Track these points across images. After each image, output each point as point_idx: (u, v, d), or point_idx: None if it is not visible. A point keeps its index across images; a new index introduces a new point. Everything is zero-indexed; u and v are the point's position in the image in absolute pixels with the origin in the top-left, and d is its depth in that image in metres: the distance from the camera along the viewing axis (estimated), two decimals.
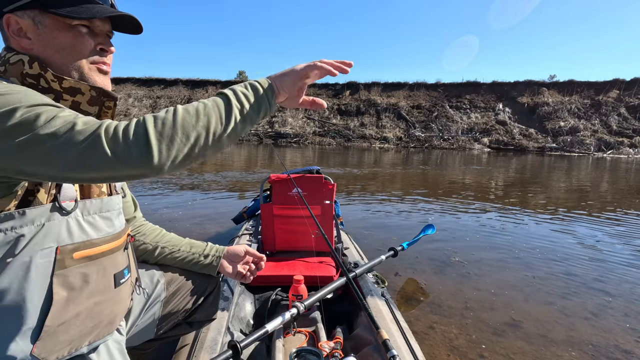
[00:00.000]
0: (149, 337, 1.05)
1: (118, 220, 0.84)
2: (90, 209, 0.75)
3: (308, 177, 2.10)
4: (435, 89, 27.13)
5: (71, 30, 0.72)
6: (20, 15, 0.70)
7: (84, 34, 0.74)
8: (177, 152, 0.59)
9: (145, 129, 0.58)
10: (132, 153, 0.57)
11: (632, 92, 23.66)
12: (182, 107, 0.63)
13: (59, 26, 0.71)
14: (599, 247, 3.32)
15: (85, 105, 0.75)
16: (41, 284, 0.66)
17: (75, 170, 0.58)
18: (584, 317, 2.02)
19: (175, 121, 0.60)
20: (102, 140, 0.56)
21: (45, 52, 0.71)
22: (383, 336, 1.16)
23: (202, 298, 1.13)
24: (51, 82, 0.70)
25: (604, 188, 7.46)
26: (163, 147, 0.58)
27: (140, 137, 0.57)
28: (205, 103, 0.64)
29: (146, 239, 1.08)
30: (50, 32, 0.71)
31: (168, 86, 28.36)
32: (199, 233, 3.42)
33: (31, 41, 0.71)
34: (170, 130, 0.59)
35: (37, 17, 0.70)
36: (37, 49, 0.71)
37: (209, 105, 0.64)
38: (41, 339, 0.65)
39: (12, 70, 0.70)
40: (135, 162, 0.57)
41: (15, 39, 0.71)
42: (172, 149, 0.59)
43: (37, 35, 0.71)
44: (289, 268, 1.91)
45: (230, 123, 0.64)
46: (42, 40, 0.71)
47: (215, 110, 0.63)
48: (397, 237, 3.35)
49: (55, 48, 0.72)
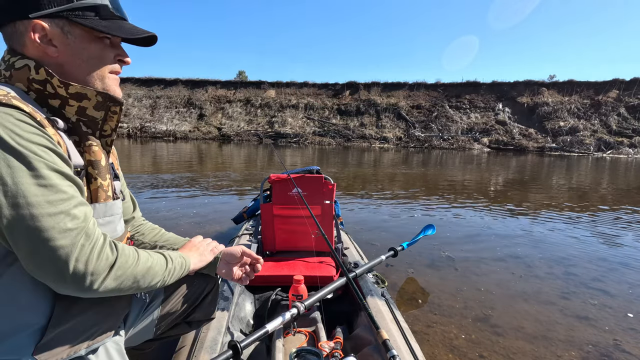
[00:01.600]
0: (148, 337, 1.05)
1: (119, 225, 0.85)
2: (95, 214, 0.76)
3: (308, 177, 2.09)
4: (435, 89, 27.11)
5: (99, 42, 0.75)
6: (49, 23, 0.70)
7: (108, 46, 0.77)
8: (113, 291, 0.70)
9: (106, 277, 0.67)
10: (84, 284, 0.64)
11: (631, 92, 23.66)
12: (142, 267, 0.75)
13: (90, 38, 0.73)
14: (599, 246, 3.32)
15: (91, 110, 0.75)
16: (43, 289, 0.66)
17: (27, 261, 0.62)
18: (584, 317, 2.02)
19: (133, 279, 0.72)
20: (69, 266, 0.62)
21: (72, 62, 0.73)
22: (383, 336, 1.16)
23: (200, 298, 1.13)
24: (57, 88, 0.71)
25: (604, 188, 7.46)
26: (112, 289, 0.69)
27: (101, 277, 0.66)
28: (156, 270, 0.78)
29: (145, 238, 1.08)
30: (80, 43, 0.73)
31: (168, 86, 28.31)
32: (199, 233, 3.39)
33: (57, 49, 0.71)
34: (123, 282, 0.70)
35: (65, 27, 0.71)
36: (62, 58, 0.72)
37: (158, 273, 0.79)
38: (41, 343, 0.66)
39: (17, 76, 0.69)
40: (75, 288, 0.64)
41: (38, 45, 0.70)
42: (113, 290, 0.69)
43: (65, 44, 0.71)
44: (289, 268, 1.91)
45: (159, 284, 0.80)
46: (70, 50, 0.72)
47: (157, 277, 0.78)
48: (397, 237, 3.35)
49: (84, 58, 0.73)
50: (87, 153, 0.76)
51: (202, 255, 1.00)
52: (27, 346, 0.65)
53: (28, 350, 0.65)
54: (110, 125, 0.80)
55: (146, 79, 28.81)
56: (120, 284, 0.69)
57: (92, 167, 0.76)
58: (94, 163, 0.76)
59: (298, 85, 28.23)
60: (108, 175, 0.80)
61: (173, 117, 25.10)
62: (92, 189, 0.76)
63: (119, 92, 0.80)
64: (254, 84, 28.58)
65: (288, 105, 25.92)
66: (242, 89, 28.07)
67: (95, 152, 0.77)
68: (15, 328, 0.64)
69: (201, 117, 25.37)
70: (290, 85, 28.10)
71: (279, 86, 28.06)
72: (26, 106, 0.63)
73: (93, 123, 0.77)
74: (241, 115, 25.55)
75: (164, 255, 0.84)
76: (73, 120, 0.74)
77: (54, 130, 0.67)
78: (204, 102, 26.43)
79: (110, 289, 0.67)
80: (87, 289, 0.64)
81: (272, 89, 27.91)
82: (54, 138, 0.65)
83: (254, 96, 27.03)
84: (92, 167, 0.76)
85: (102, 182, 0.78)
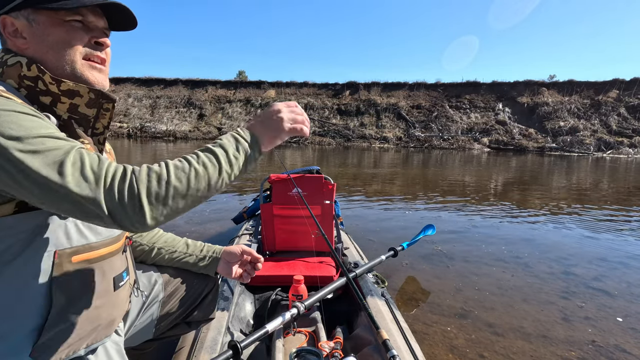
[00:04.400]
0: (148, 337, 1.05)
1: None
2: None
3: (308, 177, 2.09)
4: (435, 88, 27.11)
5: (64, 25, 0.72)
6: (15, 15, 0.70)
7: (77, 29, 0.73)
8: (166, 216, 0.63)
9: (138, 190, 0.60)
10: (127, 214, 0.59)
11: (631, 92, 23.65)
12: (176, 169, 0.64)
13: (53, 22, 0.71)
14: (599, 246, 3.32)
15: (83, 107, 0.74)
16: (40, 288, 0.66)
17: (66, 213, 0.60)
18: (584, 317, 2.02)
19: (168, 188, 0.62)
20: (101, 196, 0.58)
21: (39, 50, 0.71)
22: (383, 336, 1.16)
23: (200, 298, 1.13)
24: (49, 85, 0.70)
25: (604, 187, 7.46)
26: (155, 211, 0.61)
27: (136, 199, 0.59)
28: (197, 169, 0.66)
29: (143, 239, 1.07)
30: (43, 29, 0.70)
31: (168, 86, 28.31)
32: (199, 233, 3.41)
33: (26, 40, 0.71)
34: (164, 197, 0.62)
35: (30, 16, 0.70)
36: (32, 48, 0.71)
37: (200, 173, 0.66)
38: (39, 343, 0.65)
39: (9, 73, 0.69)
40: (128, 222, 0.60)
41: (11, 39, 0.71)
42: (163, 213, 0.62)
43: (31, 33, 0.70)
44: (289, 268, 1.90)
45: (217, 187, 0.68)
46: (36, 38, 0.70)
47: (205, 179, 0.66)
48: (397, 237, 3.34)
49: (49, 44, 0.71)
50: None
51: (270, 129, 0.77)
52: (24, 347, 0.64)
53: (25, 351, 0.64)
54: (102, 122, 0.78)
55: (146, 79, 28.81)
56: (173, 197, 0.63)
57: None
58: None
59: (298, 85, 28.23)
60: None
61: (173, 117, 25.10)
62: None
63: (94, 79, 0.75)
64: (254, 83, 28.58)
65: None
66: (242, 89, 28.07)
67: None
68: (11, 328, 0.63)
69: (201, 117, 25.36)
70: (290, 85, 28.09)
71: (279, 86, 28.06)
72: (16, 99, 0.63)
73: (85, 121, 0.75)
74: (241, 115, 25.54)
75: (212, 149, 0.70)
76: (64, 118, 0.73)
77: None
78: (204, 102, 26.43)
79: (166, 206, 0.62)
80: (141, 222, 0.60)
81: (272, 88, 27.91)
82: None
83: (254, 96, 27.03)
84: None
85: None
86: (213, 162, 0.68)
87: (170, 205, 0.62)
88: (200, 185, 0.65)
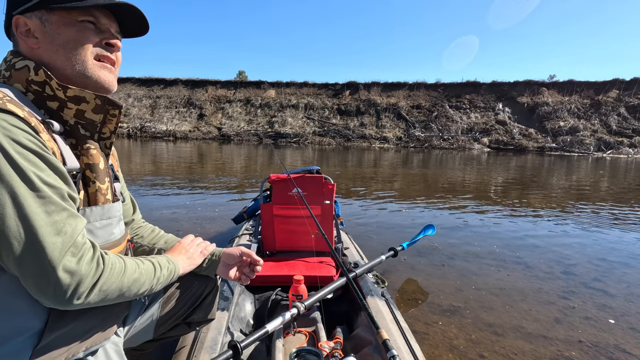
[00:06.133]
0: (148, 338, 1.05)
1: (118, 227, 0.84)
2: (91, 217, 0.75)
3: (308, 177, 2.09)
4: (435, 88, 27.13)
5: (76, 25, 0.73)
6: (29, 16, 0.71)
7: (89, 29, 0.74)
8: (98, 303, 0.69)
9: (91, 290, 0.66)
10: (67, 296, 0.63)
11: (631, 92, 23.67)
12: (129, 279, 0.74)
13: (65, 22, 0.72)
14: (599, 246, 3.32)
15: (90, 113, 0.75)
16: None
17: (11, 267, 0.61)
18: (584, 317, 2.02)
19: (119, 291, 0.71)
20: (60, 280, 0.61)
21: (50, 49, 0.71)
22: (383, 336, 1.16)
23: (200, 299, 1.13)
24: (56, 90, 0.70)
25: (604, 187, 7.46)
26: (96, 302, 0.68)
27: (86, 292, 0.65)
28: (143, 281, 0.77)
29: (143, 241, 1.08)
30: (56, 28, 0.71)
31: (168, 86, 28.32)
32: (199, 233, 3.41)
33: (38, 40, 0.71)
34: (108, 295, 0.69)
35: (44, 16, 0.71)
36: (43, 48, 0.72)
37: (145, 282, 0.78)
38: (39, 347, 0.65)
39: (17, 77, 0.70)
40: (58, 301, 0.63)
41: (23, 40, 0.72)
42: (97, 302, 0.69)
43: (43, 33, 0.71)
44: (289, 268, 1.90)
45: (146, 292, 0.80)
46: (47, 37, 0.71)
47: (144, 287, 0.78)
48: (397, 237, 3.35)
49: (60, 43, 0.72)
50: (85, 156, 0.75)
51: (191, 259, 0.99)
52: (25, 350, 0.64)
53: (26, 355, 0.64)
54: (109, 128, 0.79)
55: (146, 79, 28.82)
56: (105, 297, 0.68)
57: (89, 170, 0.75)
58: (92, 166, 0.76)
59: (298, 85, 28.24)
60: (107, 178, 0.80)
61: (173, 117, 25.11)
62: (89, 192, 0.76)
63: (105, 78, 0.77)
64: (254, 83, 28.60)
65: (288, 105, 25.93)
66: (242, 89, 28.09)
67: (94, 156, 0.76)
68: (11, 332, 0.63)
69: (201, 117, 25.38)
70: (290, 85, 28.11)
71: (279, 86, 28.08)
72: (21, 110, 0.62)
73: (92, 126, 0.76)
74: (241, 115, 25.56)
75: (153, 263, 0.82)
76: (71, 123, 0.73)
77: (48, 136, 0.67)
78: (204, 102, 26.45)
79: (94, 302, 0.67)
80: (69, 302, 0.63)
81: (272, 88, 27.92)
82: (47, 144, 0.65)
83: (254, 96, 27.05)
84: (89, 170, 0.75)
85: (101, 186, 0.77)
86: (154, 273, 0.81)
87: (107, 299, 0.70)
88: (138, 291, 0.77)
